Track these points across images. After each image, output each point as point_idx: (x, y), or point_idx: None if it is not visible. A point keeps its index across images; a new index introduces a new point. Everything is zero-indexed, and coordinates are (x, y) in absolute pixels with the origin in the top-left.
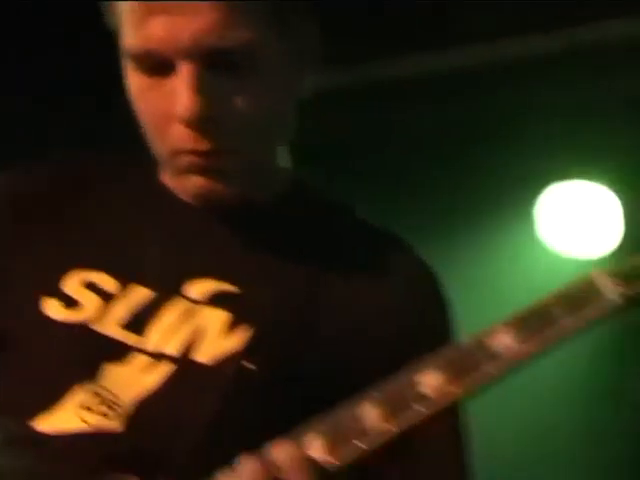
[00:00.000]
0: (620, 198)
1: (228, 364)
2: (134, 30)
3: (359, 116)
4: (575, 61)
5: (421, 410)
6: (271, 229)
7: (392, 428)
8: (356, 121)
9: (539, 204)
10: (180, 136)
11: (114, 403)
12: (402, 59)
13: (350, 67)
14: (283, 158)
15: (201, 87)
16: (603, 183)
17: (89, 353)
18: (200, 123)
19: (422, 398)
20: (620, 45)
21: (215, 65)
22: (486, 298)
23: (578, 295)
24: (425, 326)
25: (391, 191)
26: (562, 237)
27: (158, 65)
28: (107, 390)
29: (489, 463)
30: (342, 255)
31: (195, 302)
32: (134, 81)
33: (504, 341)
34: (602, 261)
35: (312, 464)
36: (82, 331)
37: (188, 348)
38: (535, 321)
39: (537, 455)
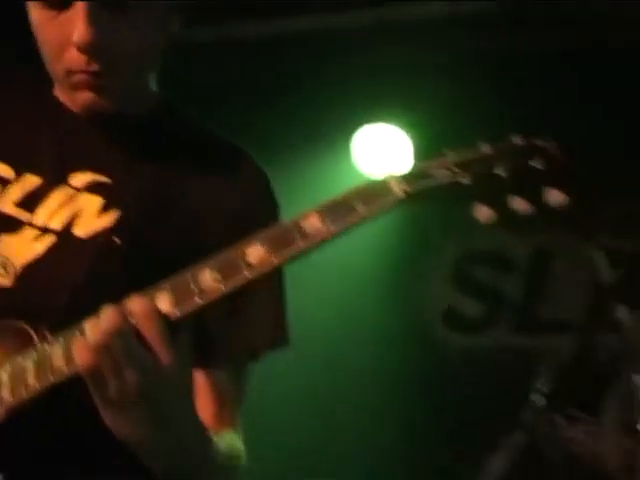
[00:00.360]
0: (411, 137)
1: (99, 238)
2: None
3: (221, 67)
4: (389, 33)
5: (246, 275)
6: (141, 136)
7: (223, 288)
8: (220, 71)
9: (355, 139)
10: (73, 58)
11: (7, 265)
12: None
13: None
14: (152, 82)
15: (93, 20)
16: (400, 126)
17: None
18: (91, 48)
19: (248, 266)
20: (422, 22)
21: (105, 2)
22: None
23: (373, 191)
24: (258, 218)
25: (241, 123)
26: (372, 165)
27: (57, 1)
28: (1, 255)
29: (297, 333)
30: (197, 158)
31: (76, 189)
32: (36, 14)
33: (314, 223)
34: None
35: (159, 314)
36: None
37: (69, 224)
38: (339, 209)
39: (341, 328)
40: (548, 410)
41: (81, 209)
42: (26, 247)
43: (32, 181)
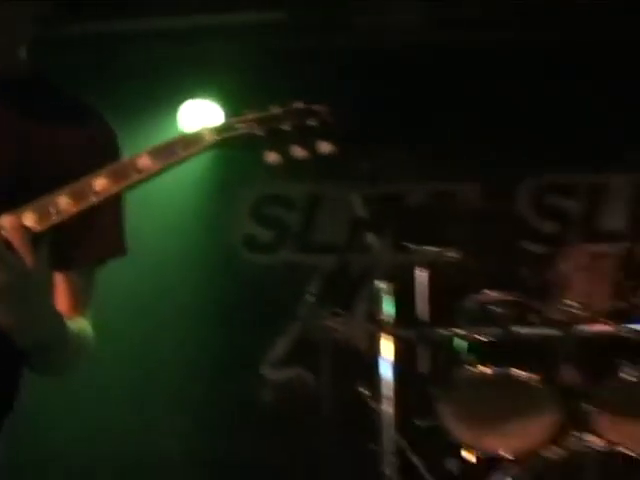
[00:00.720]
0: (223, 110)
1: None
2: None
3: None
4: (209, 32)
5: (93, 199)
6: (15, 95)
7: (74, 208)
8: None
9: (181, 112)
10: None
11: None
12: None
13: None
14: (23, 53)
15: None
16: (215, 101)
17: None
18: None
19: (94, 193)
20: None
21: None
22: None
23: (191, 138)
24: (107, 160)
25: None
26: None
27: None
28: None
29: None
30: (62, 114)
31: None
32: None
33: (145, 161)
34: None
35: (24, 228)
36: None
37: None
38: (165, 151)
39: (168, 250)
40: (318, 307)
41: None
42: None
43: None
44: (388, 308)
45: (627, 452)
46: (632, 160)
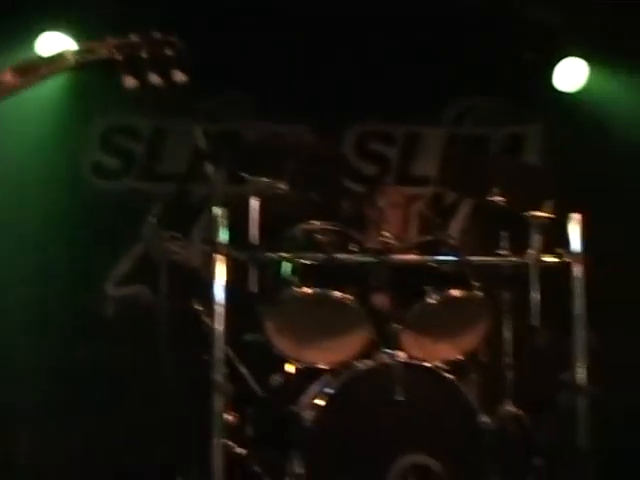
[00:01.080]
0: (78, 44)
1: None
2: None
3: None
4: None
5: None
6: None
7: None
8: None
9: (38, 42)
10: None
11: None
12: None
13: None
14: None
15: None
16: (68, 34)
17: None
18: None
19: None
20: None
21: None
22: None
23: (54, 58)
24: None
25: None
26: None
27: None
28: None
29: None
30: None
31: None
32: None
33: (7, 77)
34: None
35: None
36: None
37: None
38: (28, 68)
39: (19, 173)
40: (159, 231)
41: None
42: None
43: None
44: (223, 233)
45: (427, 364)
46: (439, 114)
